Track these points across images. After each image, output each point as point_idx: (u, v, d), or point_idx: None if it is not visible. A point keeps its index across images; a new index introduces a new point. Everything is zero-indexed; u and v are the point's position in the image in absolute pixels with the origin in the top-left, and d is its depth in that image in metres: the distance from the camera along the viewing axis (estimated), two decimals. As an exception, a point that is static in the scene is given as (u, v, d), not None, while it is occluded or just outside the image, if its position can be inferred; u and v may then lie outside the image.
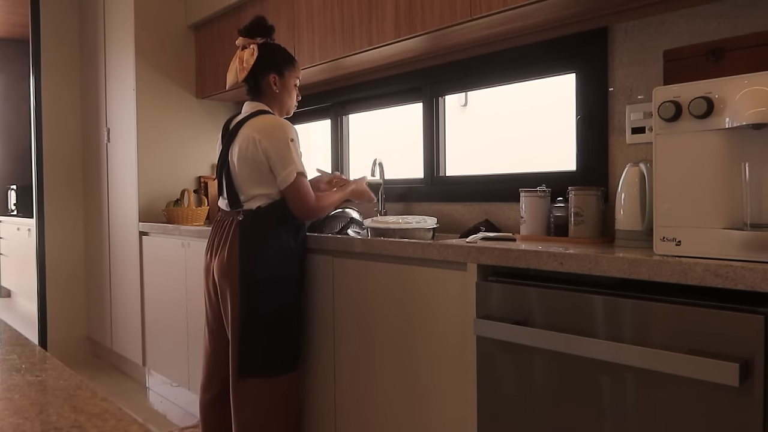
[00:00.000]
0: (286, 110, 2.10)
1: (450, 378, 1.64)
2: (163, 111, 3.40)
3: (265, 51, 2.03)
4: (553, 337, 1.34)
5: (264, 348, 1.95)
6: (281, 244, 1.96)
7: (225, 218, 2.03)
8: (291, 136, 1.92)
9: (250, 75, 2.02)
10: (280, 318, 1.96)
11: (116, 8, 3.50)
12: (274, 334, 1.96)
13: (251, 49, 2.02)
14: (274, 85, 2.04)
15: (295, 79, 2.10)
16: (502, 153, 2.59)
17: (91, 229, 3.94)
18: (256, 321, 1.93)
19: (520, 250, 1.45)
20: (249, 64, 2.00)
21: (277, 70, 2.04)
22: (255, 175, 1.94)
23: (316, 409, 2.08)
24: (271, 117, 1.99)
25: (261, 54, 2.02)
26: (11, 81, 6.42)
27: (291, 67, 2.08)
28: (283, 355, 1.98)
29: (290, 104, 2.11)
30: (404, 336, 1.77)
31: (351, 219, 2.38)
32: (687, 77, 1.30)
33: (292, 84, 2.09)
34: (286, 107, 2.10)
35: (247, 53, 2.02)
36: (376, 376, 1.86)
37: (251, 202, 1.96)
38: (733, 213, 1.20)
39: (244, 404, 1.95)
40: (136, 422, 0.52)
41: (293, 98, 2.12)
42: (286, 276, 1.98)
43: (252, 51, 2.02)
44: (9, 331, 0.86)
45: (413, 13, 2.11)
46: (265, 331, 1.94)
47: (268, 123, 1.95)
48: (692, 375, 1.13)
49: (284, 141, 1.90)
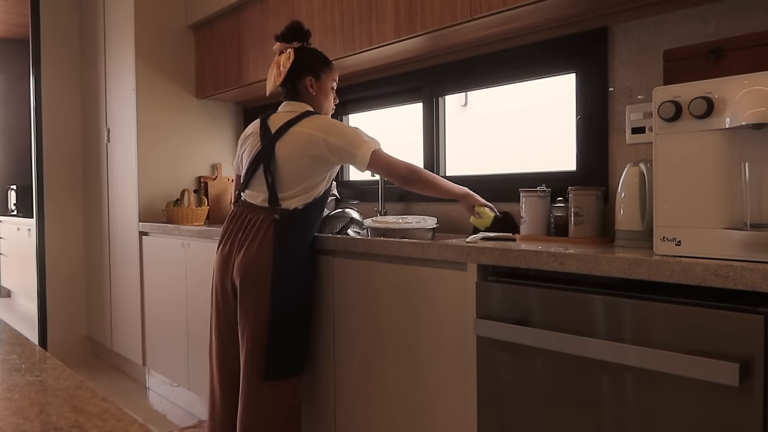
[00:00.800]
0: (324, 112, 2.10)
1: (450, 378, 1.64)
2: (163, 111, 3.40)
3: (301, 54, 2.04)
4: (553, 337, 1.34)
5: (290, 349, 1.95)
6: (305, 247, 1.98)
7: (250, 214, 1.97)
8: (353, 127, 2.00)
9: (287, 79, 2.03)
10: (303, 318, 1.99)
11: (116, 8, 3.50)
12: (298, 336, 1.97)
13: (288, 53, 2.03)
14: (311, 87, 2.04)
15: (332, 82, 2.10)
16: (502, 153, 2.59)
17: (91, 229, 3.94)
18: (285, 321, 1.93)
19: (520, 250, 1.45)
20: (286, 68, 2.01)
21: (314, 73, 2.05)
22: (305, 173, 1.92)
23: (316, 409, 2.08)
24: (326, 116, 2.04)
25: (297, 57, 2.03)
26: (11, 81, 6.42)
27: (327, 70, 2.09)
28: (300, 356, 1.99)
29: (327, 107, 2.11)
30: (404, 336, 1.77)
31: (351, 219, 2.38)
32: (687, 77, 1.30)
33: (328, 86, 2.09)
34: (324, 110, 2.09)
35: (284, 57, 2.03)
36: (376, 376, 1.86)
37: (290, 202, 1.93)
38: (733, 213, 1.20)
39: (262, 406, 1.92)
40: (136, 422, 0.52)
41: (330, 101, 2.11)
42: (308, 277, 2.00)
43: (288, 55, 2.03)
44: (9, 331, 0.86)
45: (413, 13, 2.11)
46: (292, 331, 1.95)
47: (326, 122, 1.98)
48: (692, 375, 1.13)
49: (350, 130, 1.96)
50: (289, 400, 1.95)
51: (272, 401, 1.93)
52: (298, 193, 1.94)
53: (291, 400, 1.96)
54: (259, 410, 1.92)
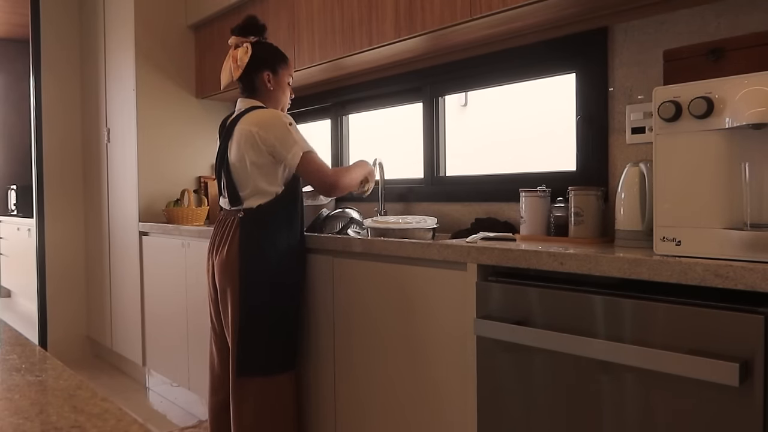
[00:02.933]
0: (280, 107, 2.12)
1: (450, 378, 1.64)
2: (163, 111, 3.40)
3: (258, 49, 2.05)
4: (553, 337, 1.34)
5: (262, 347, 1.95)
6: (282, 243, 1.96)
7: (227, 217, 2.04)
8: (288, 121, 1.94)
9: (244, 73, 2.04)
10: (279, 317, 1.97)
11: (116, 8, 3.50)
12: (272, 334, 1.96)
13: (245, 47, 2.04)
14: (268, 82, 2.06)
15: (289, 77, 2.12)
16: (502, 153, 2.59)
17: (91, 229, 3.94)
18: (255, 320, 1.94)
19: (520, 250, 1.45)
20: (243, 62, 2.02)
21: (271, 68, 2.06)
22: (255, 170, 1.94)
23: (316, 409, 2.08)
24: (266, 109, 2.01)
25: (255, 52, 2.04)
26: (11, 81, 6.42)
27: (284, 65, 2.10)
28: (281, 354, 1.98)
29: (284, 101, 2.13)
30: (404, 336, 1.77)
31: (351, 219, 2.38)
32: (687, 77, 1.30)
33: (285, 81, 2.11)
34: (281, 104, 2.12)
35: (241, 51, 2.04)
36: (376, 376, 1.86)
37: (251, 200, 1.97)
38: (733, 213, 1.20)
39: (243, 403, 1.95)
40: (136, 422, 0.52)
41: (287, 95, 2.13)
42: (285, 275, 1.98)
43: (246, 49, 2.04)
44: (9, 331, 0.86)
45: (413, 13, 2.11)
46: (264, 330, 1.94)
47: (263, 115, 1.97)
48: (692, 375, 1.13)
49: (282, 127, 1.92)
50: (273, 398, 1.96)
51: (255, 397, 1.94)
52: (254, 192, 1.96)
53: (276, 398, 1.96)
54: (244, 407, 1.95)
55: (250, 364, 1.94)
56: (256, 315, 1.94)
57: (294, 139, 1.91)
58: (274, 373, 1.96)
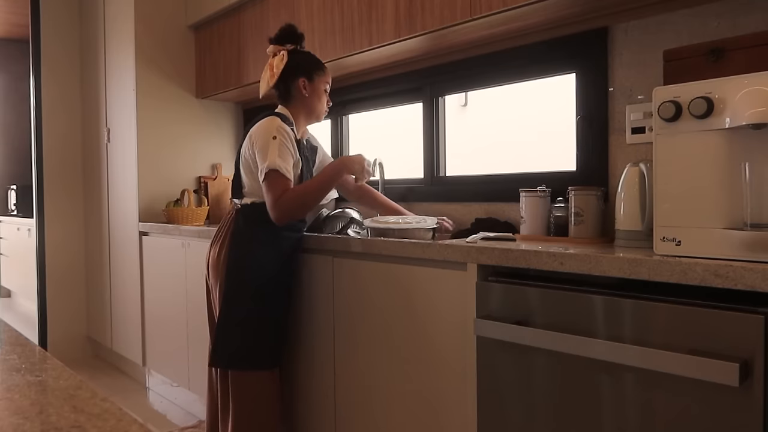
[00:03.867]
0: (315, 115, 2.11)
1: (450, 378, 1.64)
2: (163, 111, 3.40)
3: (294, 56, 2.05)
4: (553, 337, 1.34)
5: (238, 342, 1.97)
6: (270, 243, 1.98)
7: (230, 210, 2.11)
8: (274, 134, 1.91)
9: (280, 80, 2.04)
10: (260, 314, 1.98)
11: (116, 8, 3.50)
12: (251, 330, 1.98)
13: (281, 55, 2.04)
14: (304, 89, 2.05)
15: (325, 84, 2.10)
16: (502, 153, 2.59)
17: (91, 229, 3.94)
18: (235, 314, 1.97)
19: (520, 250, 1.45)
20: (279, 70, 2.02)
21: (307, 75, 2.05)
22: (249, 172, 2.01)
23: (317, 409, 2.08)
24: (269, 118, 1.99)
25: (291, 59, 2.03)
26: (11, 81, 6.42)
27: (321, 72, 2.09)
28: (258, 351, 1.99)
29: (320, 109, 2.11)
30: (404, 336, 1.77)
31: (351, 219, 2.38)
32: (687, 77, 1.30)
33: (321, 89, 2.09)
34: (316, 112, 2.10)
35: (277, 60, 2.04)
36: (376, 376, 1.86)
37: (249, 197, 2.02)
38: (733, 213, 1.20)
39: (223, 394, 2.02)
40: (136, 422, 0.52)
41: (323, 103, 2.11)
42: (271, 275, 1.99)
43: (282, 57, 2.03)
44: (9, 331, 0.86)
45: (413, 13, 2.11)
46: (240, 325, 1.97)
47: (262, 122, 1.98)
48: (692, 375, 1.13)
49: (266, 138, 1.91)
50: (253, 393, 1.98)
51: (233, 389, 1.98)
52: (251, 190, 2.01)
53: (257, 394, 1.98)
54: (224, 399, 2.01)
55: (219, 356, 1.99)
56: (236, 310, 1.97)
57: (270, 152, 1.88)
58: (252, 368, 1.98)
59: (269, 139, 1.90)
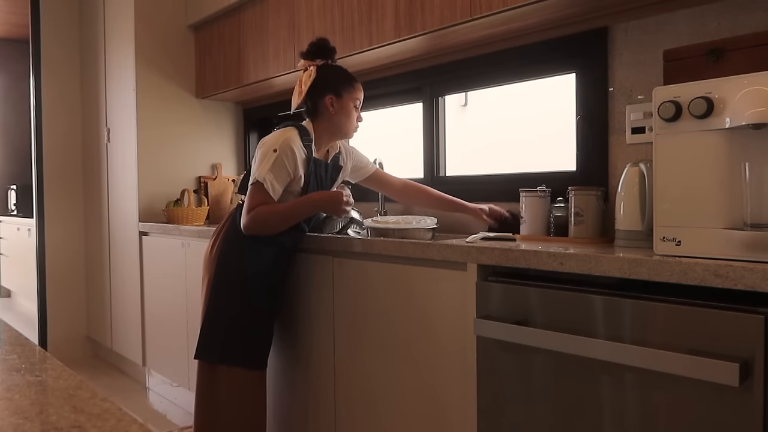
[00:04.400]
0: (343, 132, 2.03)
1: (450, 378, 1.64)
2: (163, 111, 3.40)
3: (323, 72, 1.99)
4: (553, 337, 1.34)
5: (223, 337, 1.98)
6: (263, 244, 1.97)
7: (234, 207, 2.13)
8: (276, 147, 1.88)
9: (308, 97, 1.99)
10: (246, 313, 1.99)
11: (116, 8, 3.50)
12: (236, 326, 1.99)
13: (310, 71, 1.99)
14: (331, 106, 1.98)
15: (355, 101, 2.01)
16: (502, 153, 2.59)
17: (91, 229, 3.94)
18: (220, 310, 1.99)
19: (520, 250, 1.45)
20: (306, 86, 1.97)
21: (335, 91, 1.98)
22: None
23: (317, 409, 2.08)
24: (284, 129, 1.97)
25: (319, 75, 1.98)
26: (11, 81, 6.42)
27: (350, 88, 2.00)
28: (242, 348, 2.00)
29: (349, 126, 2.02)
30: (404, 336, 1.77)
31: (351, 219, 2.38)
32: (687, 77, 1.30)
33: (350, 105, 2.00)
34: (344, 129, 2.02)
35: (305, 75, 1.99)
36: (376, 376, 1.86)
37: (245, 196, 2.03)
38: (733, 213, 1.20)
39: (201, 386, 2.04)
40: (136, 422, 0.52)
41: (352, 120, 2.02)
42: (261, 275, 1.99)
43: (310, 73, 1.98)
44: (9, 331, 0.86)
45: (413, 13, 2.11)
46: (226, 320, 1.98)
47: (275, 133, 1.97)
48: (692, 375, 1.13)
49: (268, 149, 1.89)
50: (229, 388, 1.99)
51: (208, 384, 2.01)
52: None
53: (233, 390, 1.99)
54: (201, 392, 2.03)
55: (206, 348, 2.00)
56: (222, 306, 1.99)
57: (264, 164, 1.87)
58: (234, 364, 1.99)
59: (270, 150, 1.89)
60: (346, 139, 2.11)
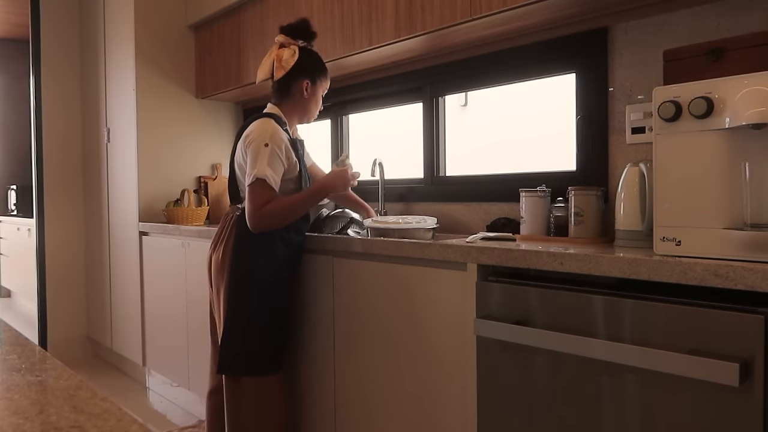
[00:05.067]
0: (308, 117, 2.10)
1: (450, 378, 1.64)
2: (163, 111, 3.40)
3: (305, 55, 2.02)
4: (553, 337, 1.34)
5: (246, 347, 1.95)
6: (273, 244, 1.96)
7: (229, 213, 2.08)
8: (266, 140, 1.88)
9: (285, 76, 2.00)
10: (266, 319, 1.97)
11: (116, 8, 3.50)
12: (258, 335, 1.96)
13: (292, 49, 2.00)
14: (305, 90, 2.03)
15: (324, 89, 2.11)
16: (502, 153, 2.59)
17: (91, 229, 3.94)
18: (241, 320, 1.95)
19: (520, 250, 1.45)
20: (288, 65, 1.98)
21: (311, 77, 2.04)
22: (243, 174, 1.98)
23: (316, 409, 2.08)
24: (262, 120, 1.96)
25: (301, 57, 2.01)
26: (11, 81, 6.42)
27: (323, 77, 2.09)
28: (267, 356, 1.98)
29: (314, 112, 2.11)
30: (404, 336, 1.77)
31: (351, 219, 2.38)
32: (687, 77, 1.30)
33: (320, 93, 2.09)
34: (310, 114, 2.10)
35: (288, 53, 2.00)
36: (376, 376, 1.86)
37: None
38: (733, 213, 1.20)
39: (232, 401, 1.98)
40: (136, 422, 0.52)
41: (318, 106, 2.11)
42: (275, 277, 1.98)
43: (293, 52, 2.00)
44: (9, 331, 0.86)
45: (413, 13, 2.11)
46: (248, 330, 1.95)
47: (256, 126, 1.95)
48: (692, 375, 1.13)
49: (259, 144, 1.88)
50: (261, 398, 1.96)
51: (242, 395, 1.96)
52: None
53: (264, 399, 1.96)
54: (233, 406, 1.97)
55: (229, 362, 1.95)
56: (240, 315, 1.94)
57: (260, 160, 1.86)
58: (259, 374, 1.96)
59: (261, 145, 1.88)
60: (308, 123, 2.16)
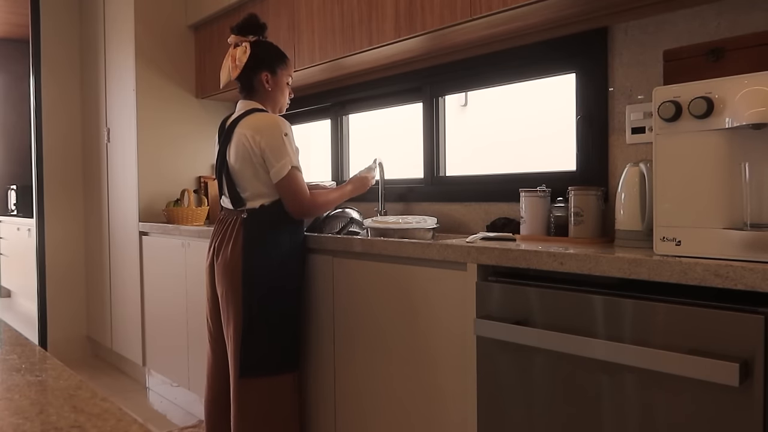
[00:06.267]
0: (278, 108, 2.11)
1: (450, 378, 1.64)
2: (163, 111, 3.40)
3: (257, 49, 2.04)
4: (553, 337, 1.34)
5: (265, 348, 1.94)
6: (283, 244, 1.96)
7: (228, 217, 2.03)
8: (285, 130, 1.92)
9: (243, 73, 2.03)
10: (281, 318, 1.96)
11: (116, 8, 3.50)
12: (275, 334, 1.95)
13: (243, 46, 2.03)
14: (267, 83, 2.04)
15: (288, 77, 2.11)
16: (502, 153, 2.59)
17: (91, 229, 3.94)
18: (259, 321, 1.93)
19: (520, 250, 1.45)
20: (242, 62, 2.01)
21: (270, 68, 2.05)
22: (252, 172, 1.94)
23: (316, 409, 2.08)
24: (265, 114, 2.00)
25: (253, 52, 2.02)
26: (11, 81, 6.42)
27: (283, 65, 2.09)
28: (284, 354, 1.98)
29: (282, 102, 2.12)
30: (404, 336, 1.77)
31: (351, 219, 2.38)
32: (687, 77, 1.30)
33: (284, 82, 2.09)
34: (279, 105, 2.11)
35: (240, 51, 2.02)
36: (376, 376, 1.86)
37: (254, 201, 1.97)
38: (733, 213, 1.20)
39: (246, 403, 1.95)
40: (136, 422, 0.52)
41: (285, 96, 2.12)
42: (287, 276, 1.98)
43: (245, 49, 2.02)
44: (9, 331, 0.86)
45: (413, 13, 2.11)
46: (267, 330, 1.94)
47: (261, 119, 1.96)
48: (692, 375, 1.13)
49: (278, 135, 1.91)
50: (277, 398, 1.95)
51: (255, 399, 1.93)
52: (255, 194, 1.96)
53: (280, 398, 1.95)
54: (244, 409, 1.94)
55: (251, 365, 1.93)
56: (259, 316, 1.93)
57: (286, 150, 1.90)
58: (276, 374, 1.95)
59: (281, 135, 1.91)
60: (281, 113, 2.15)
